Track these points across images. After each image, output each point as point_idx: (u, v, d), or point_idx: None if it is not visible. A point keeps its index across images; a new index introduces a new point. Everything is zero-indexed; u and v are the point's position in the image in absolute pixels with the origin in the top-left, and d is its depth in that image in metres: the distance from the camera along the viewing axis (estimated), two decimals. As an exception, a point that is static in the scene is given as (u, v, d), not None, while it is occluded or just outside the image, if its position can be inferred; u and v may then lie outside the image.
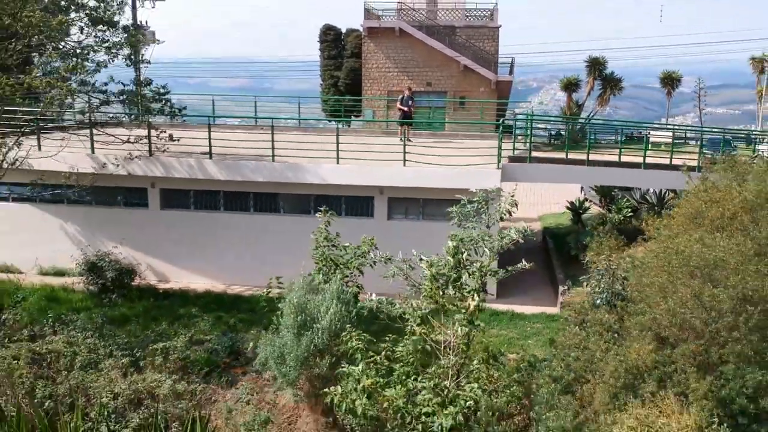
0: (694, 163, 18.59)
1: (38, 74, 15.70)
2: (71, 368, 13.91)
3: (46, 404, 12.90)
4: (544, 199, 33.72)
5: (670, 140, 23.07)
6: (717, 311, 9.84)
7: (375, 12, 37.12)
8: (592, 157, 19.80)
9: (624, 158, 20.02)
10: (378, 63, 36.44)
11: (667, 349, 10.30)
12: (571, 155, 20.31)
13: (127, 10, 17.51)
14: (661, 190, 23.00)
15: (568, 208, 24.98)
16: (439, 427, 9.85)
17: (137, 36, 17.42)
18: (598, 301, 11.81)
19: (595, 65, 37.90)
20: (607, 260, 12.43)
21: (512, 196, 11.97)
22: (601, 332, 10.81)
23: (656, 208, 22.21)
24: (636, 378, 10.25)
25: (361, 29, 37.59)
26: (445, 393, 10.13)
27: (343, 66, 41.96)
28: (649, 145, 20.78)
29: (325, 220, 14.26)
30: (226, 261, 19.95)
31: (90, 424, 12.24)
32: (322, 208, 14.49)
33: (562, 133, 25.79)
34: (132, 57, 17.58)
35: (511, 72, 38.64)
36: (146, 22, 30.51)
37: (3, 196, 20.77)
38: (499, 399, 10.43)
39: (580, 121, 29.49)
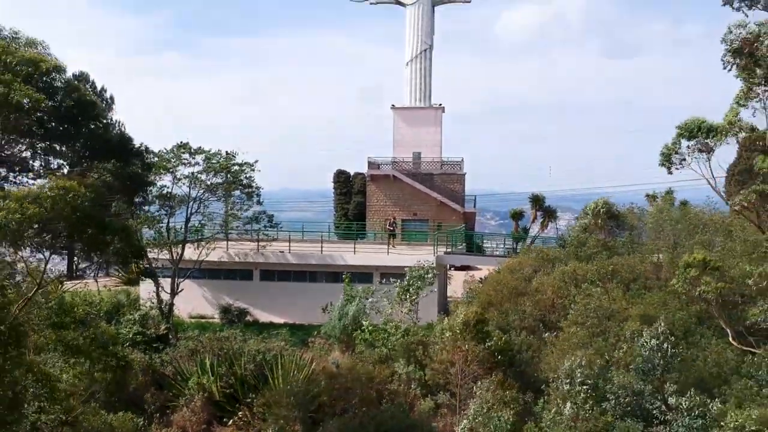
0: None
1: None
2: (235, 341, 30.29)
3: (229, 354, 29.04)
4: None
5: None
6: (503, 296, 26.61)
7: (376, 163, 51.93)
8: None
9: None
10: (378, 199, 50.90)
11: (486, 313, 26.95)
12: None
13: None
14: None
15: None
16: (392, 339, 26.41)
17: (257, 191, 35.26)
18: (464, 298, 28.78)
19: (536, 200, 53.97)
20: (468, 286, 29.47)
21: (445, 274, 29.27)
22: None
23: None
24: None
25: (365, 174, 52.54)
26: (398, 329, 26.85)
27: (351, 200, 56.48)
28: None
29: (347, 282, 31.47)
30: (293, 308, 36.28)
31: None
32: (345, 275, 31.83)
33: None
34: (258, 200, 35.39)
35: (474, 206, 53.97)
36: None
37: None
38: (419, 333, 26.84)
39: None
